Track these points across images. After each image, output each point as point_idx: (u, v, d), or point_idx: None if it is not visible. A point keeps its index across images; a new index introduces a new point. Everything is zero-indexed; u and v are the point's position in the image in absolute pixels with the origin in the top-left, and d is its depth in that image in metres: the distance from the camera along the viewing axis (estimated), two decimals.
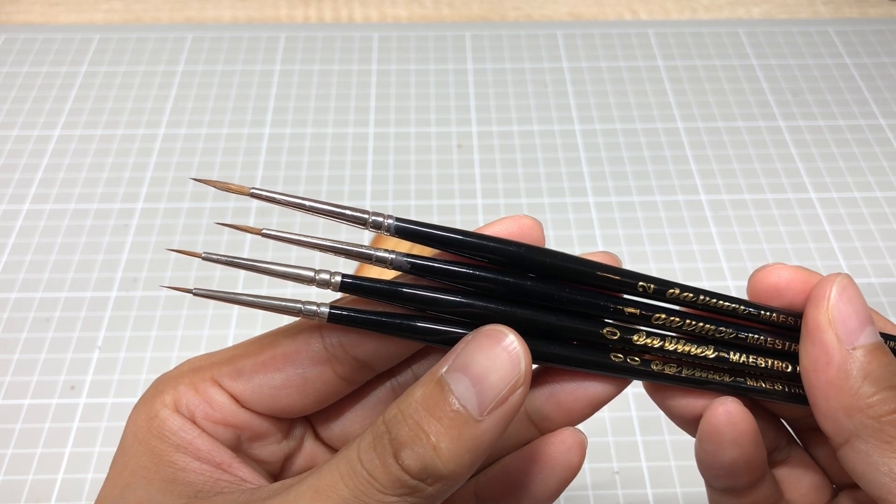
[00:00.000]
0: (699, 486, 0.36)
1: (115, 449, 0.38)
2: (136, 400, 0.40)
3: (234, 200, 0.48)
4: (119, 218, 0.47)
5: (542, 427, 0.22)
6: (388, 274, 0.20)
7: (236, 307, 0.42)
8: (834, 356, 0.20)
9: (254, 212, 0.47)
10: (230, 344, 0.42)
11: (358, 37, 0.60)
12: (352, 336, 0.21)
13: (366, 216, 0.19)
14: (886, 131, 0.53)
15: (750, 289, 0.22)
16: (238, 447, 0.22)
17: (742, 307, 0.21)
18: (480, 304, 0.20)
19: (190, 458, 0.20)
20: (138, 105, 0.54)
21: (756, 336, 0.21)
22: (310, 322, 0.21)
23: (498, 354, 0.18)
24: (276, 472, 0.23)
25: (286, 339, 0.21)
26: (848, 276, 0.21)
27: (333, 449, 0.24)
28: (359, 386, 0.23)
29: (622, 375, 0.21)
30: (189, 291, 0.19)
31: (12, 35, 0.60)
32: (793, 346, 0.21)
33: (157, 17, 0.62)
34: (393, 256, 0.20)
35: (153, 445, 0.20)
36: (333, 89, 0.56)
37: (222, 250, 0.45)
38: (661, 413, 0.24)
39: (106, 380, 0.40)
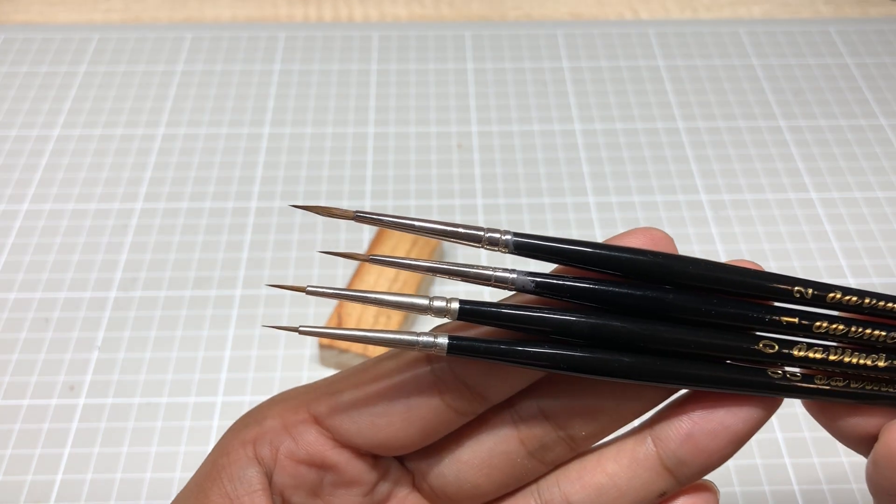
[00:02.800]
0: None
1: (114, 449, 0.38)
2: (135, 400, 0.40)
3: (233, 200, 0.48)
4: (118, 218, 0.47)
5: (676, 473, 0.20)
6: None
7: (235, 309, 0.42)
8: None
9: (253, 211, 0.47)
10: (230, 345, 0.42)
11: (357, 36, 0.60)
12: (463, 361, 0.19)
13: (481, 233, 0.18)
14: (887, 131, 0.53)
15: None
16: (319, 492, 0.20)
17: None
18: (617, 324, 0.18)
19: None
20: (137, 105, 0.54)
21: None
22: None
23: None
24: None
25: (389, 363, 0.20)
26: None
27: (439, 501, 0.21)
28: (472, 418, 0.20)
29: (783, 395, 0.19)
30: (295, 330, 0.17)
31: (11, 35, 0.59)
32: None
33: (156, 17, 0.62)
34: (515, 276, 0.18)
35: (206, 487, 0.19)
36: (333, 89, 0.56)
37: (222, 249, 0.45)
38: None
39: (105, 380, 0.40)
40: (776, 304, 0.19)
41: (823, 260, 0.45)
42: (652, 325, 0.18)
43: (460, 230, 0.18)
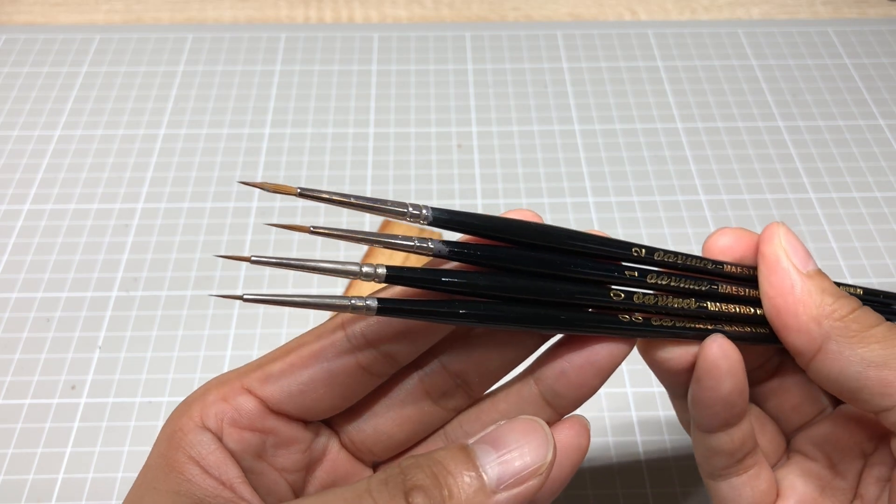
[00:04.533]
0: (698, 486, 0.36)
1: (114, 448, 0.39)
2: (136, 399, 0.41)
3: (234, 200, 0.48)
4: (119, 218, 0.47)
5: (555, 405, 0.24)
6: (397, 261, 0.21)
7: (237, 308, 0.43)
8: (796, 279, 0.24)
9: (254, 211, 0.47)
10: (231, 345, 0.43)
11: (358, 37, 0.60)
12: (373, 327, 0.22)
13: (404, 209, 0.21)
14: (885, 131, 0.54)
15: (705, 252, 0.26)
16: (263, 454, 0.22)
17: (710, 264, 0.25)
18: (508, 280, 0.22)
19: (199, 470, 0.21)
20: (139, 105, 0.55)
21: (724, 286, 0.25)
22: (333, 321, 0.22)
23: (529, 439, 0.20)
24: (299, 483, 0.23)
25: (310, 338, 0.22)
26: (784, 223, 0.25)
27: (362, 454, 0.24)
28: (385, 379, 0.23)
29: (629, 334, 0.23)
30: (240, 298, 0.19)
31: (13, 35, 0.60)
32: (750, 292, 0.25)
33: (157, 18, 0.62)
34: (432, 245, 0.21)
35: (170, 456, 0.21)
36: (333, 89, 0.56)
37: (223, 250, 0.45)
38: (661, 414, 0.24)
39: (106, 379, 0.40)
40: (623, 262, 0.24)
41: (822, 260, 0.46)
42: (533, 280, 0.22)
43: (388, 206, 0.20)
